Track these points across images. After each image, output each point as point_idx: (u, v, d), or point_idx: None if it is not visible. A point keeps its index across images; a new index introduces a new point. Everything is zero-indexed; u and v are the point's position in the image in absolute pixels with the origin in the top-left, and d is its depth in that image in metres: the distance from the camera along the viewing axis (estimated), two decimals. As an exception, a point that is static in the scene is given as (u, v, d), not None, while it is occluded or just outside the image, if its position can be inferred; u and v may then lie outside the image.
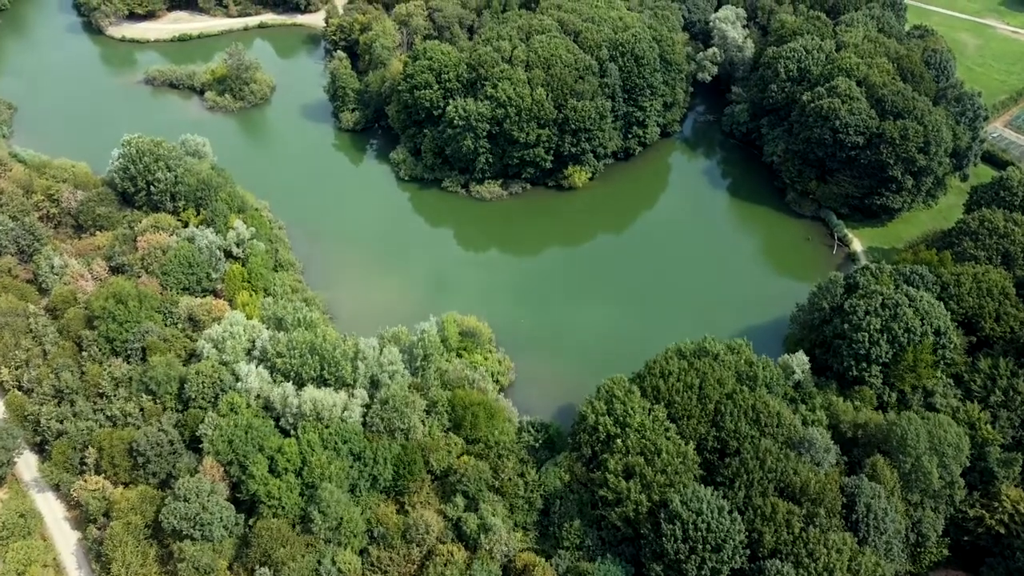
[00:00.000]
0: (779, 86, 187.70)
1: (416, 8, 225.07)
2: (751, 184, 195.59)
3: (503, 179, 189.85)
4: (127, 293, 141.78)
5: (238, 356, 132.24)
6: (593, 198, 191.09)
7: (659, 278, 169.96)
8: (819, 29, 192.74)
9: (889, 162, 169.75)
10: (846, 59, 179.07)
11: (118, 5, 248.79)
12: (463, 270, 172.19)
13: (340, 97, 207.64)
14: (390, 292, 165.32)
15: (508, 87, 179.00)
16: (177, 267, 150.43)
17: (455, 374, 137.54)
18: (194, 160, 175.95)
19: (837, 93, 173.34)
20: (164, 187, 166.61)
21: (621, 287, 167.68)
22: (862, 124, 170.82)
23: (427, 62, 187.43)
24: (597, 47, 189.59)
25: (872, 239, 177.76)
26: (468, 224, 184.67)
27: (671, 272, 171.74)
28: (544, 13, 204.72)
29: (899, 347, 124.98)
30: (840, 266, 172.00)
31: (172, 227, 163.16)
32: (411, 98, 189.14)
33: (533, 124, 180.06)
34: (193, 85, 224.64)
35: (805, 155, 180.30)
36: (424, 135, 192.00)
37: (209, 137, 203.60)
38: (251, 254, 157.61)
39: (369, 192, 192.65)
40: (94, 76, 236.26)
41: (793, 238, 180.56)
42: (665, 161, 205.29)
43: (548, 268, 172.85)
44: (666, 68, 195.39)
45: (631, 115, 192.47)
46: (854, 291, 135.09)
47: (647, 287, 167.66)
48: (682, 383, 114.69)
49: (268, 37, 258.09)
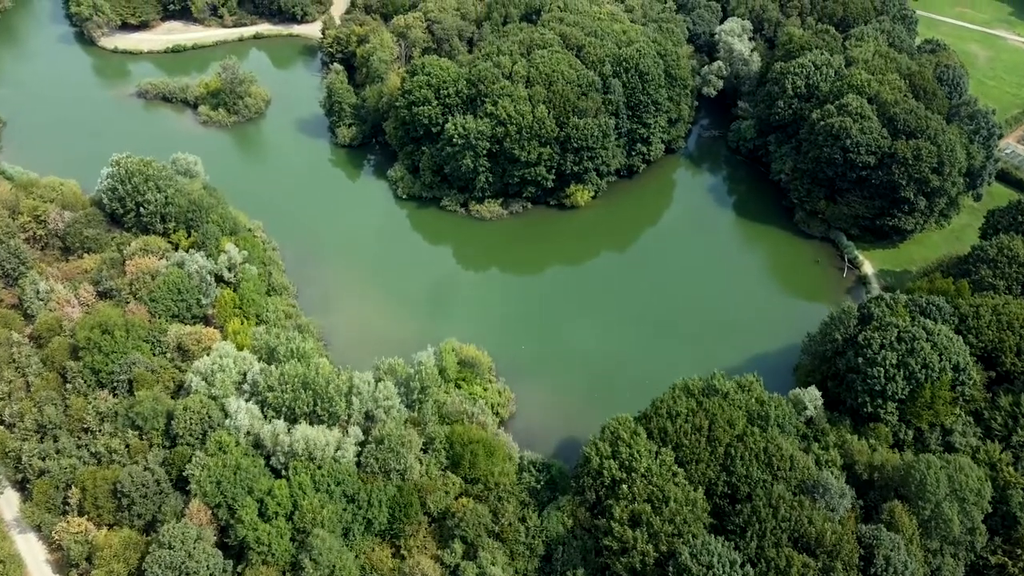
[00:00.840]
0: (786, 103, 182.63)
1: (415, 20, 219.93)
2: (758, 202, 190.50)
3: (503, 198, 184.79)
4: (113, 322, 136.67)
5: (228, 390, 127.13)
6: (596, 217, 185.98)
7: (664, 301, 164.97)
8: (828, 44, 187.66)
9: (901, 183, 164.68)
10: (856, 76, 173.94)
11: (110, 15, 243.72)
12: (462, 292, 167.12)
13: (336, 112, 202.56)
14: (386, 316, 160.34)
15: (509, 104, 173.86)
16: (166, 294, 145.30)
17: (453, 407, 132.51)
18: (185, 180, 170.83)
19: (848, 111, 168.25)
20: (154, 209, 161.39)
21: (625, 310, 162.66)
22: (873, 143, 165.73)
23: (425, 78, 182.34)
24: (600, 62, 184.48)
25: (883, 261, 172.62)
26: (467, 245, 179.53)
27: (677, 294, 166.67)
28: (545, 26, 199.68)
29: (916, 383, 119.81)
30: (851, 289, 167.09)
31: (162, 250, 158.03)
32: (409, 115, 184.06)
33: (534, 142, 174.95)
34: (186, 99, 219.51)
35: (814, 174, 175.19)
36: (422, 152, 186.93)
37: (202, 153, 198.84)
38: (243, 279, 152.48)
39: (366, 211, 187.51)
40: (86, 88, 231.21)
41: (802, 260, 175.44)
42: (670, 178, 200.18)
43: (549, 291, 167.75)
44: (671, 84, 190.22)
45: (635, 132, 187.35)
46: (868, 322, 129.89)
47: (652, 310, 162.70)
48: (691, 425, 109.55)
49: (263, 48, 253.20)
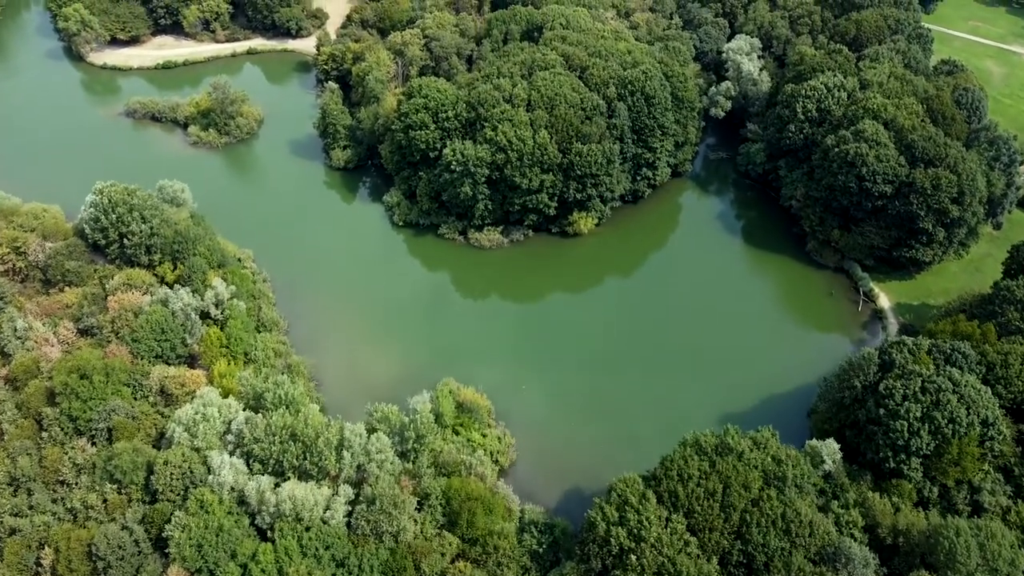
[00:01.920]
0: (798, 127, 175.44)
1: (412, 37, 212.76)
2: (768, 229, 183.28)
3: (504, 225, 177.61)
4: (92, 366, 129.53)
5: (211, 442, 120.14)
6: (600, 245, 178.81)
7: (672, 334, 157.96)
8: (841, 65, 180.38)
9: (920, 214, 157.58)
10: (872, 100, 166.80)
11: (99, 31, 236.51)
12: (460, 327, 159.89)
13: (330, 134, 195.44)
14: (381, 352, 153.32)
15: (509, 129, 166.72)
16: (149, 334, 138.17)
17: (450, 457, 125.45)
18: (171, 209, 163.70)
19: (863, 137, 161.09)
20: (138, 240, 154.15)
21: (631, 346, 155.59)
22: (891, 172, 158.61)
23: (423, 100, 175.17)
24: (604, 84, 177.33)
25: (900, 294, 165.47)
26: (465, 275, 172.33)
27: (685, 328, 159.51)
28: (547, 45, 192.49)
29: (942, 438, 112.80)
30: (866, 324, 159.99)
31: (146, 285, 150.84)
32: (405, 139, 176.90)
33: (536, 169, 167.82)
34: (176, 118, 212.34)
35: (827, 202, 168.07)
36: (419, 177, 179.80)
37: (192, 176, 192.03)
38: (230, 316, 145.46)
39: (360, 238, 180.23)
40: (73, 107, 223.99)
41: (815, 291, 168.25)
42: (676, 202, 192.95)
43: (551, 325, 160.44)
44: (678, 106, 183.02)
45: (640, 157, 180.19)
46: (890, 369, 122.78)
47: (659, 345, 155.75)
48: (703, 489, 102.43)
49: (257, 64, 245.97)
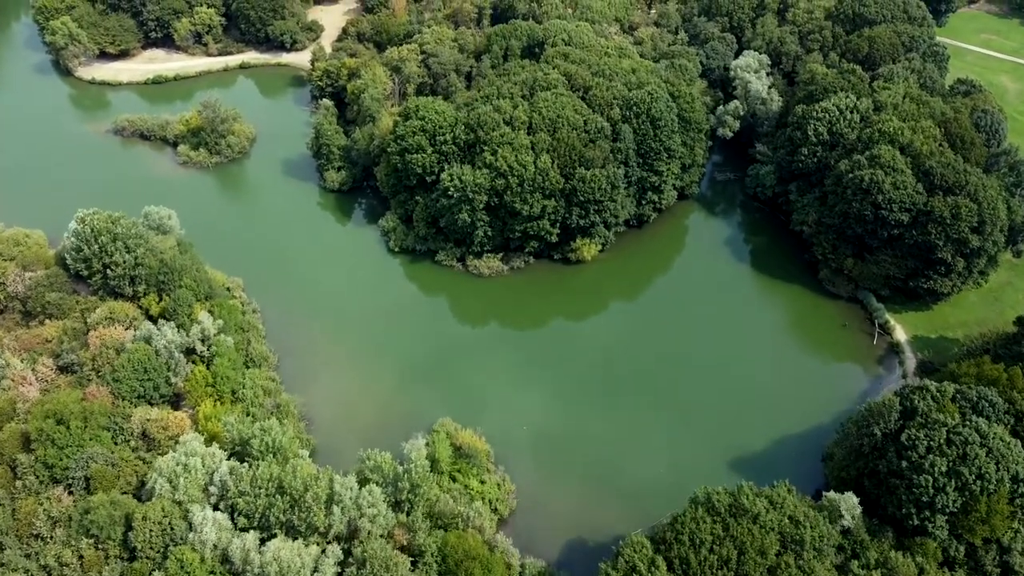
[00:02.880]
0: (810, 150, 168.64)
1: (409, 53, 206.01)
2: (778, 255, 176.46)
3: (504, 252, 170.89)
4: (69, 411, 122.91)
5: (193, 495, 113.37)
6: (603, 272, 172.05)
7: (679, 369, 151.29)
8: (854, 85, 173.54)
9: (938, 243, 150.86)
10: (888, 123, 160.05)
11: (87, 45, 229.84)
12: (458, 360, 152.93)
13: (324, 155, 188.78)
14: (375, 388, 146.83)
15: (509, 154, 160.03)
16: (131, 373, 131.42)
17: (447, 507, 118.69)
18: (157, 237, 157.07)
19: (879, 163, 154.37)
20: (122, 272, 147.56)
21: (636, 381, 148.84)
22: (908, 200, 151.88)
23: (419, 122, 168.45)
24: (608, 106, 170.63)
25: (917, 325, 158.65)
26: (464, 305, 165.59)
27: (692, 361, 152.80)
28: (549, 63, 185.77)
29: (969, 495, 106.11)
30: (882, 359, 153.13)
31: (129, 318, 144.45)
32: (401, 162, 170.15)
33: (537, 195, 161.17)
34: (165, 136, 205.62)
35: (841, 230, 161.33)
36: (416, 202, 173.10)
37: (181, 197, 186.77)
38: (217, 353, 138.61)
39: (355, 265, 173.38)
40: (60, 124, 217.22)
41: (827, 322, 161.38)
42: (682, 227, 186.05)
43: (553, 358, 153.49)
44: (685, 128, 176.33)
45: (646, 180, 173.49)
46: (912, 417, 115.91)
47: (665, 380, 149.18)
48: (716, 556, 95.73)
49: (250, 78, 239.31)
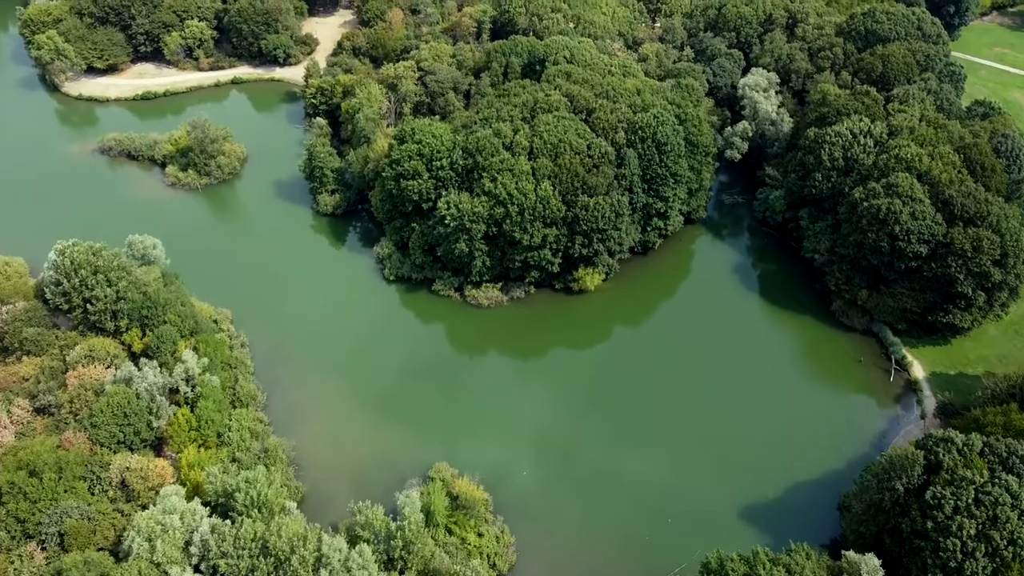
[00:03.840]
0: (823, 175, 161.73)
1: (406, 70, 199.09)
2: (789, 284, 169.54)
3: (503, 282, 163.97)
4: (43, 461, 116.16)
5: (173, 556, 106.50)
6: (607, 302, 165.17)
7: (685, 405, 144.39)
8: (868, 107, 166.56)
9: (958, 277, 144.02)
10: (905, 148, 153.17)
11: (74, 59, 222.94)
12: (455, 397, 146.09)
13: (317, 178, 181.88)
14: (368, 429, 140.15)
15: (509, 181, 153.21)
16: (110, 418, 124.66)
17: (442, 565, 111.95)
18: (141, 269, 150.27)
19: (896, 192, 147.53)
20: (103, 306, 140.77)
21: (642, 420, 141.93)
22: (926, 231, 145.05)
23: (415, 146, 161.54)
24: (613, 129, 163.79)
25: (935, 361, 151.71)
26: (461, 337, 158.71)
27: (699, 398, 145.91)
28: (551, 83, 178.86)
29: (1000, 561, 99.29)
30: (899, 397, 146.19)
31: (110, 356, 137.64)
32: (396, 188, 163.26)
33: (538, 224, 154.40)
34: (153, 156, 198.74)
35: (855, 260, 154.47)
36: (412, 229, 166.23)
37: (168, 221, 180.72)
38: (202, 394, 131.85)
39: (348, 295, 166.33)
40: (44, 142, 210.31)
41: (841, 357, 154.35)
42: (689, 253, 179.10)
43: (555, 396, 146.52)
44: (692, 152, 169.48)
45: (651, 207, 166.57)
46: (937, 472, 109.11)
47: (672, 418, 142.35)
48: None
49: (242, 94, 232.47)
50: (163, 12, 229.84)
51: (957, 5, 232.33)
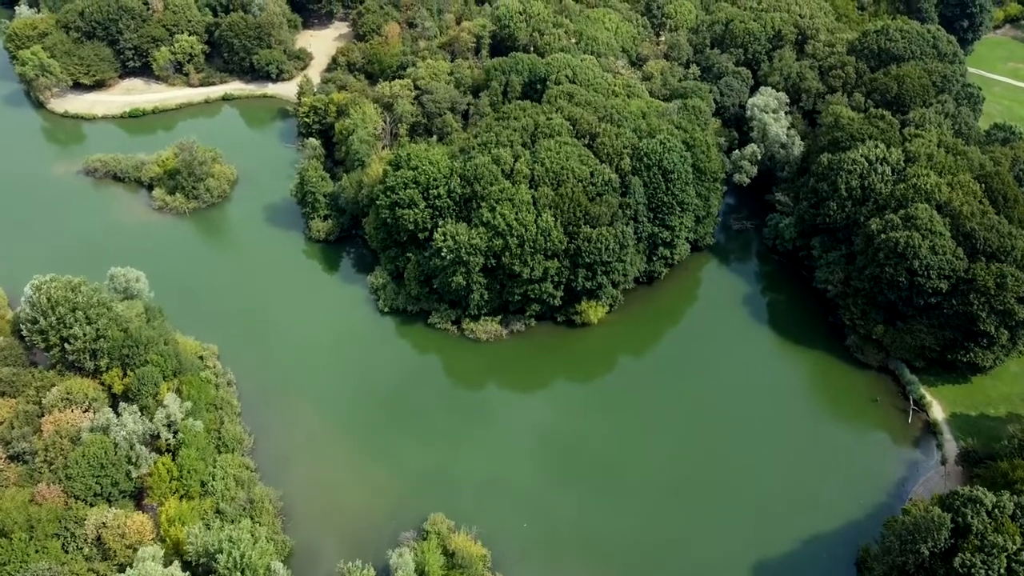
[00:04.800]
0: (838, 204, 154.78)
1: (402, 89, 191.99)
2: (800, 316, 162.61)
3: (503, 314, 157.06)
4: (12, 520, 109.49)
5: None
6: (611, 336, 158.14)
7: (692, 447, 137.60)
8: (883, 132, 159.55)
9: (980, 315, 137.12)
10: (923, 178, 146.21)
11: (60, 75, 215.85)
12: (452, 440, 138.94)
13: (309, 203, 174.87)
14: (359, 475, 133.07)
15: (509, 211, 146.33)
16: (86, 469, 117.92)
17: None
18: (123, 304, 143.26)
19: (915, 224, 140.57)
20: (82, 345, 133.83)
21: (646, 463, 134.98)
22: (947, 266, 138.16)
23: (411, 173, 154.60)
24: (617, 155, 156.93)
25: (955, 401, 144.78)
26: (459, 374, 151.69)
27: (708, 440, 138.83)
28: (552, 104, 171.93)
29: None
30: (918, 441, 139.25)
31: (88, 399, 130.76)
32: (391, 216, 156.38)
33: (539, 257, 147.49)
34: (140, 178, 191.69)
35: (871, 294, 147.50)
36: (407, 259, 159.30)
37: (154, 247, 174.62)
38: (184, 442, 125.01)
39: (340, 327, 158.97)
40: (27, 162, 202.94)
41: (856, 395, 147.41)
42: (695, 282, 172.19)
43: (556, 439, 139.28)
44: (699, 178, 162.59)
45: (657, 236, 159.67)
46: (964, 536, 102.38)
47: (678, 461, 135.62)
48: None
49: (233, 111, 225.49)
50: (152, 26, 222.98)
51: (971, 19, 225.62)
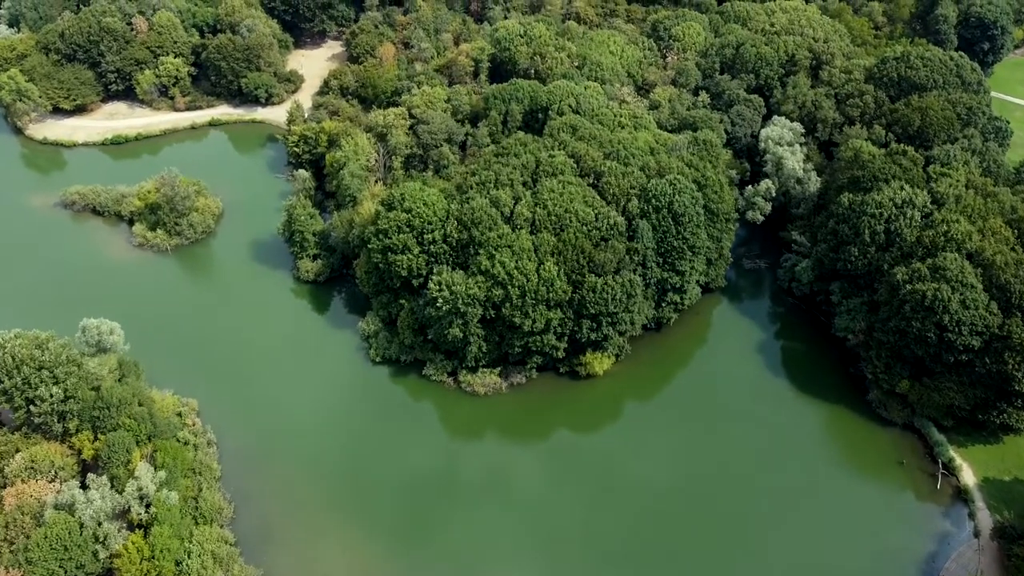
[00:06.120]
0: (861, 250, 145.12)
1: (396, 118, 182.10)
2: (818, 366, 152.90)
3: (502, 365, 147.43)
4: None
5: None
6: (618, 388, 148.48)
7: (705, 509, 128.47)
8: (906, 170, 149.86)
9: (1016, 375, 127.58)
10: (954, 225, 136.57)
11: (38, 100, 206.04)
12: (448, 508, 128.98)
13: (297, 243, 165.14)
14: (348, 550, 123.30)
15: (509, 259, 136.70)
16: (48, 553, 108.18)
17: None
18: (95, 360, 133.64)
19: (945, 276, 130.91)
20: (48, 408, 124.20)
21: (656, 531, 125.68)
22: (979, 322, 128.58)
23: (405, 215, 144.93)
24: (624, 196, 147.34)
25: (987, 464, 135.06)
26: (455, 432, 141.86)
27: (719, 499, 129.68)
28: (554, 137, 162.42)
29: None
30: (948, 510, 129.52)
31: (55, 468, 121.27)
32: (383, 261, 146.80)
33: (541, 308, 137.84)
34: (120, 212, 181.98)
35: (897, 348, 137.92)
36: (401, 305, 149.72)
37: (132, 289, 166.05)
38: (157, 518, 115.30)
39: (329, 379, 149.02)
40: (2, 194, 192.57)
41: (880, 455, 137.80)
42: (706, 327, 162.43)
43: (558, 504, 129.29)
44: (712, 220, 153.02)
45: (667, 281, 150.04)
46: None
47: (688, 525, 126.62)
48: None
49: (221, 136, 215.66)
50: (136, 48, 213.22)
51: (992, 41, 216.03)
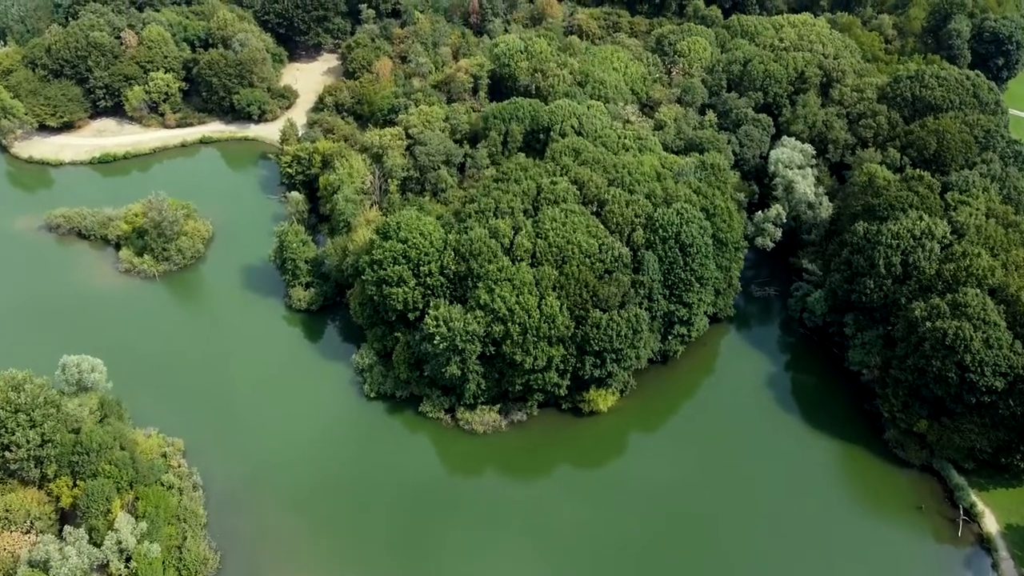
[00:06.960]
0: (876, 283, 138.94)
1: (392, 139, 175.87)
2: (831, 401, 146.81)
3: (502, 403, 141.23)
4: None
5: None
6: (623, 425, 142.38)
7: (713, 553, 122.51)
8: (923, 198, 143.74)
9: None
10: (975, 259, 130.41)
11: (23, 117, 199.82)
12: (445, 552, 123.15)
13: (289, 270, 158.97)
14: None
15: (509, 294, 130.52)
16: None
17: None
18: (75, 401, 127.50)
19: (966, 313, 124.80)
20: (25, 453, 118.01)
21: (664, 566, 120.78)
22: (1003, 362, 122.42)
23: (401, 246, 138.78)
24: (629, 226, 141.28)
25: (1010, 510, 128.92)
26: (453, 473, 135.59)
27: (728, 543, 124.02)
28: (556, 161, 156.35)
29: None
30: (970, 559, 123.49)
31: (31, 518, 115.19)
32: (378, 294, 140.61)
33: (543, 344, 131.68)
34: (106, 236, 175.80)
35: (915, 387, 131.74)
36: (396, 339, 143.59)
37: (117, 318, 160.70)
38: (139, 571, 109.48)
39: (322, 416, 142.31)
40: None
41: (897, 499, 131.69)
42: (714, 359, 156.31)
43: (560, 545, 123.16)
44: (720, 250, 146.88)
45: (674, 314, 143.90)
46: None
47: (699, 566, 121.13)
48: None
49: (213, 154, 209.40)
50: (125, 64, 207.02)
51: (1007, 56, 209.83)
